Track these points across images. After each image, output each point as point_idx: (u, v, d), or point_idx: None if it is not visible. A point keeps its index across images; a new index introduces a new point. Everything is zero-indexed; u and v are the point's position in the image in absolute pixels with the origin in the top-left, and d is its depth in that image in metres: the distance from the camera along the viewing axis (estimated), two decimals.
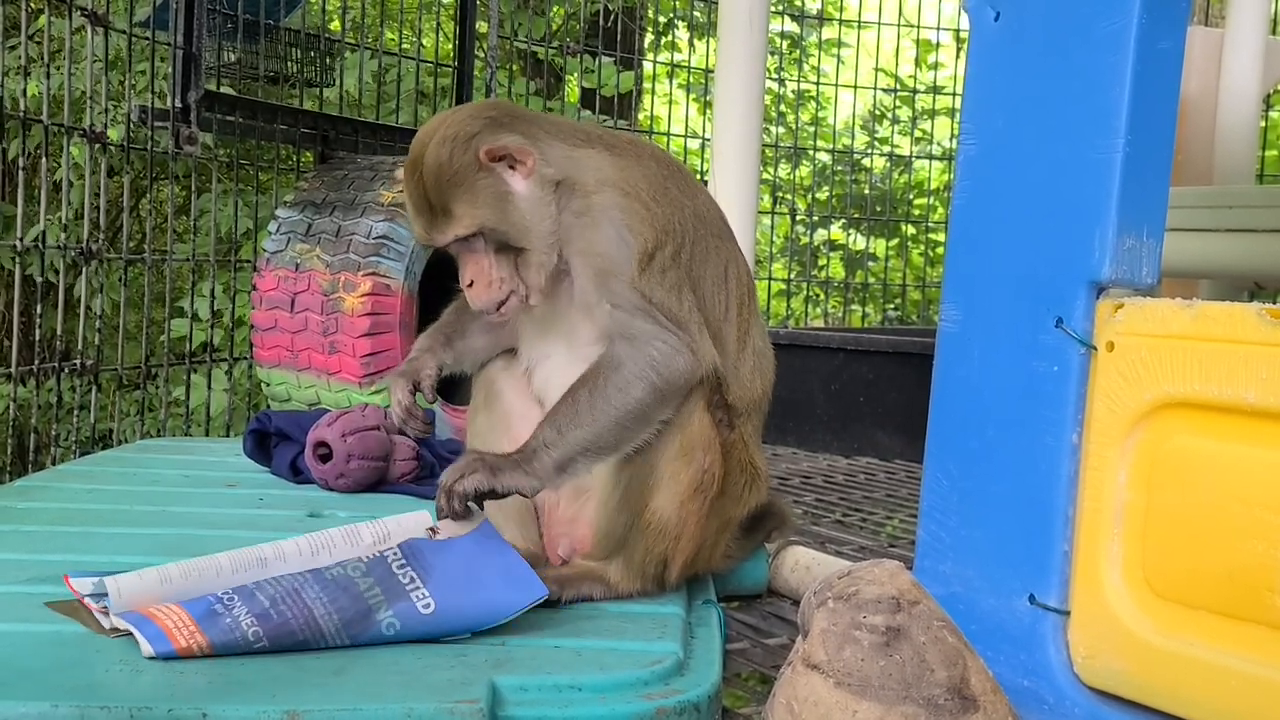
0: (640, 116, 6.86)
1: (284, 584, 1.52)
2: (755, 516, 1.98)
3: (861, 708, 1.30)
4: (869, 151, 7.35)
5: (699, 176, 5.91)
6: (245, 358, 4.31)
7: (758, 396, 1.90)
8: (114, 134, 3.83)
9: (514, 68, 5.93)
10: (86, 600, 1.57)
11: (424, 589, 1.54)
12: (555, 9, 6.35)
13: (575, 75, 6.27)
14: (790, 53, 7.02)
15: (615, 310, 1.73)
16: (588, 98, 6.02)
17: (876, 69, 6.41)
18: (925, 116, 6.72)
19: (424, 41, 4.94)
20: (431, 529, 1.69)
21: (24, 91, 3.45)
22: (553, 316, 1.82)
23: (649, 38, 7.16)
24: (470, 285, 1.75)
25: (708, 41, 6.52)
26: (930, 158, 6.69)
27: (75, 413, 3.40)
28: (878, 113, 6.97)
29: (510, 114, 1.78)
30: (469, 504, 1.68)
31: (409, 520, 1.72)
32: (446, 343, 1.91)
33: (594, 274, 1.74)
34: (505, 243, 1.72)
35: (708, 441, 1.77)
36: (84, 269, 3.62)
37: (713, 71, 4.24)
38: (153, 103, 3.69)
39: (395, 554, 1.60)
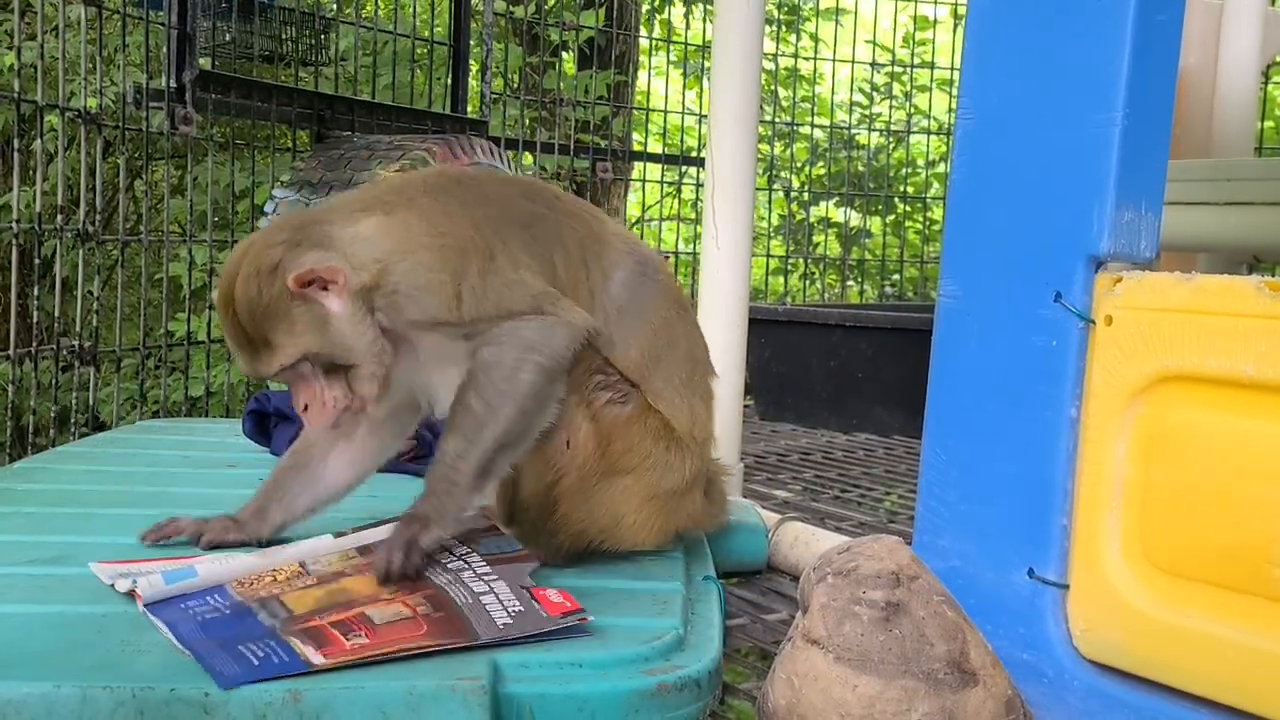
0: (636, 96, 6.83)
1: None
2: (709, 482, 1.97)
3: (861, 682, 1.30)
4: (863, 128, 7.31)
5: (695, 153, 5.88)
6: None
7: (640, 351, 1.82)
8: (109, 117, 3.81)
9: (509, 44, 5.90)
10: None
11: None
12: None
13: (571, 54, 6.24)
14: (787, 21, 6.96)
15: (468, 340, 1.72)
16: (585, 63, 6.01)
17: (873, 43, 6.37)
18: (921, 91, 6.69)
19: (419, 18, 4.91)
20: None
21: (18, 72, 3.43)
22: (433, 352, 1.79)
23: (645, 5, 7.11)
24: (305, 409, 1.74)
25: (704, 16, 6.48)
26: (927, 132, 6.66)
27: (74, 394, 3.39)
28: (873, 85, 6.94)
29: (302, 228, 1.73)
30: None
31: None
32: (265, 511, 1.88)
33: (431, 328, 1.73)
34: (332, 363, 1.71)
35: (563, 421, 1.74)
36: (80, 250, 3.61)
37: (709, 46, 4.22)
38: (147, 83, 3.67)
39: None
